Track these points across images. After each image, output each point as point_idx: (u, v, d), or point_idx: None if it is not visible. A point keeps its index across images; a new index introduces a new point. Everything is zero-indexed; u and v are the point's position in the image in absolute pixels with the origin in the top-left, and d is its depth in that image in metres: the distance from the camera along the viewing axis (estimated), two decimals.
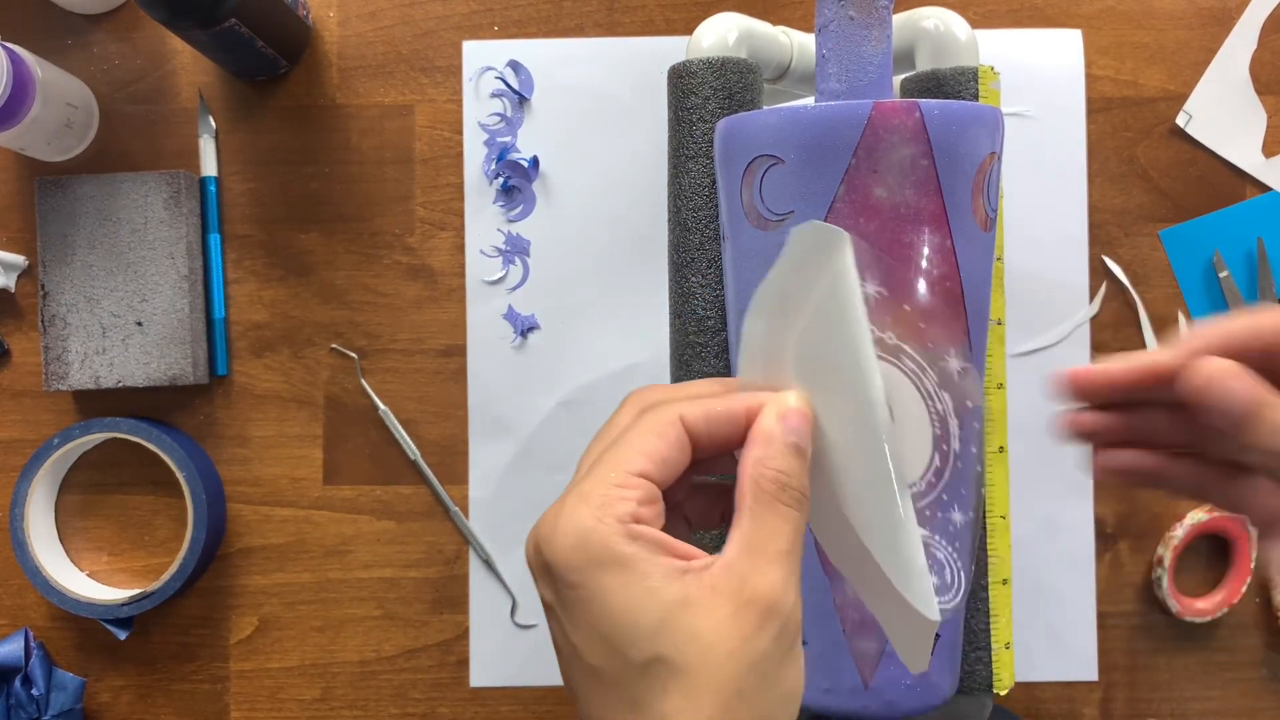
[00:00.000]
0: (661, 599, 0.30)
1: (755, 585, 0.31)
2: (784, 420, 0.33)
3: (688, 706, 0.30)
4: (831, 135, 0.41)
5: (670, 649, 0.30)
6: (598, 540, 0.31)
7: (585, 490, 0.32)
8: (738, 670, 0.30)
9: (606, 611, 0.31)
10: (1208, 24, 0.69)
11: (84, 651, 0.69)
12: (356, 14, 0.70)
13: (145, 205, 0.67)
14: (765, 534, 0.32)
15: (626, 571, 0.31)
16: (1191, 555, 0.69)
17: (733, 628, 0.30)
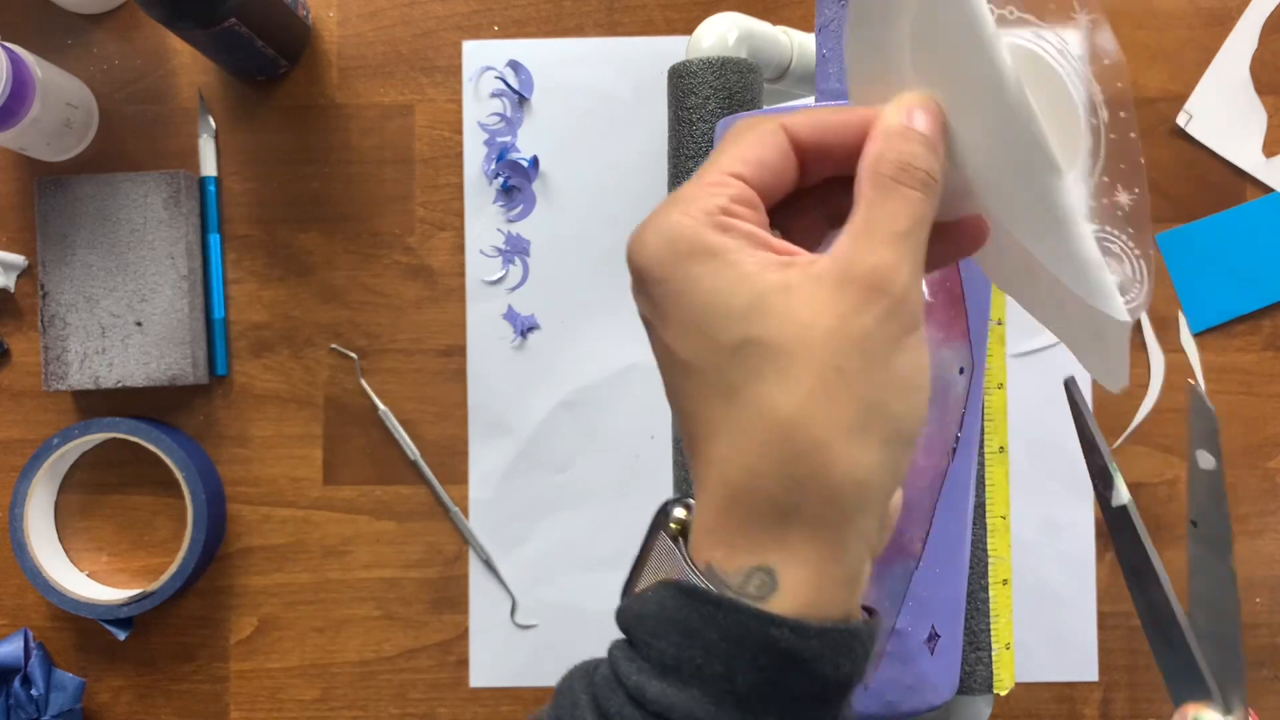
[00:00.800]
0: (755, 283, 0.28)
1: (861, 263, 0.28)
2: (905, 114, 0.30)
3: (783, 387, 0.28)
4: None
5: (763, 329, 0.28)
6: (686, 234, 0.29)
7: (676, 194, 0.30)
8: (838, 347, 0.28)
9: (695, 300, 0.29)
10: (1208, 24, 0.69)
11: (83, 652, 0.69)
12: (356, 14, 0.70)
13: (145, 205, 0.67)
14: (880, 216, 0.29)
15: (715, 259, 0.29)
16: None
17: (832, 305, 0.28)
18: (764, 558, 0.28)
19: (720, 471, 0.29)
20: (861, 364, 0.28)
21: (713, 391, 0.29)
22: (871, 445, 0.28)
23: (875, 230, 0.29)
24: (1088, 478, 0.68)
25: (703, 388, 0.29)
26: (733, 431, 0.28)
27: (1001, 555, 0.54)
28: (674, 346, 0.30)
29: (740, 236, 0.29)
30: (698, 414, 0.30)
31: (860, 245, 0.28)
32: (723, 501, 0.29)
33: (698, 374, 0.29)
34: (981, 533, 0.53)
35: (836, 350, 0.28)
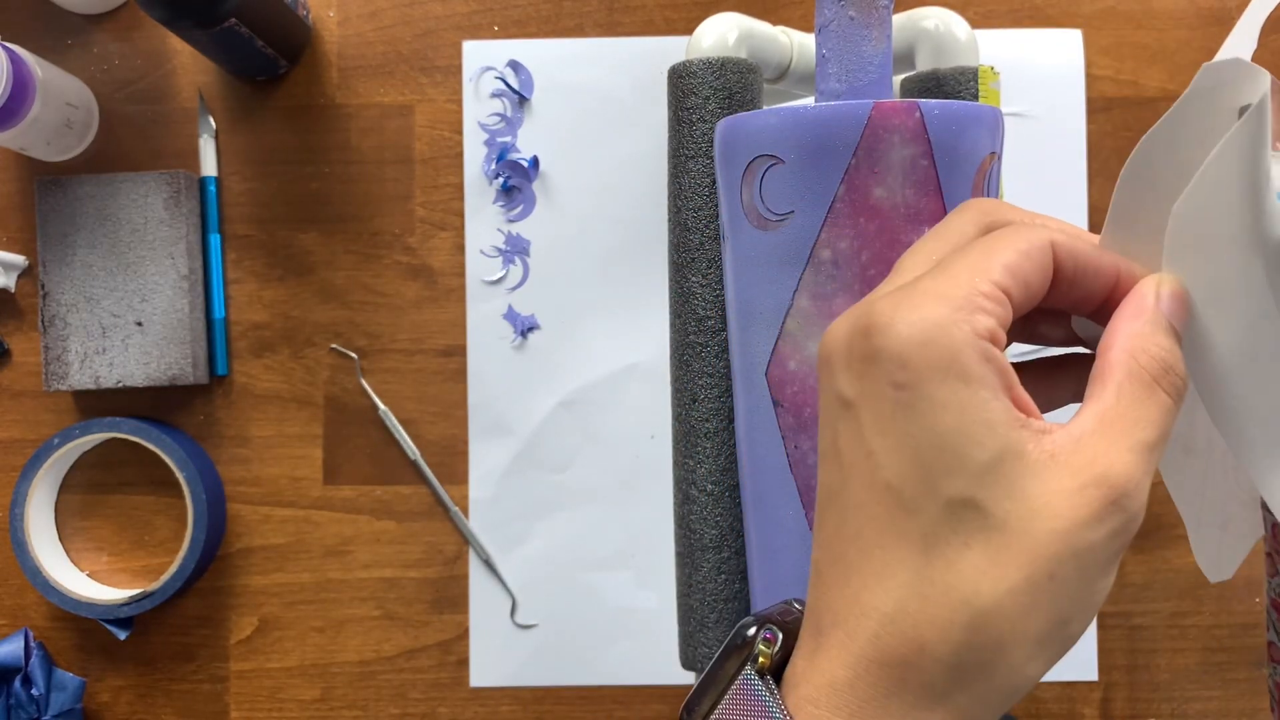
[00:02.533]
0: (996, 439, 0.25)
1: (1108, 467, 0.25)
2: (1162, 300, 0.28)
3: (989, 569, 0.25)
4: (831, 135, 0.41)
5: (989, 498, 0.25)
6: (950, 344, 0.25)
7: (942, 288, 0.26)
8: (1059, 552, 0.25)
9: (934, 427, 0.25)
10: (1208, 24, 0.69)
11: (84, 651, 0.69)
12: (356, 14, 0.70)
13: (145, 205, 0.67)
14: (1134, 417, 0.26)
15: (968, 391, 0.25)
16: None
17: (1069, 504, 0.25)
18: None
19: (876, 628, 0.26)
20: (1075, 576, 0.25)
21: (906, 533, 0.26)
22: (1045, 659, 0.26)
23: (1128, 434, 0.26)
24: None
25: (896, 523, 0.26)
26: (913, 592, 0.26)
27: None
28: (881, 460, 0.26)
29: (997, 373, 0.26)
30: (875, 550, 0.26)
31: (1109, 445, 0.26)
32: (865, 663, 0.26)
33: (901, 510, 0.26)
34: None
35: (1057, 554, 0.25)
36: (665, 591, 0.68)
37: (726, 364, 0.50)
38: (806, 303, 0.43)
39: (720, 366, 0.50)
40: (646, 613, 0.68)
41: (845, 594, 0.26)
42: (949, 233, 0.29)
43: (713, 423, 0.50)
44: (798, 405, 0.43)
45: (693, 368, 0.51)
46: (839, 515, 0.27)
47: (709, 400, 0.50)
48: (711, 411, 0.50)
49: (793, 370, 0.43)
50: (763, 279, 0.44)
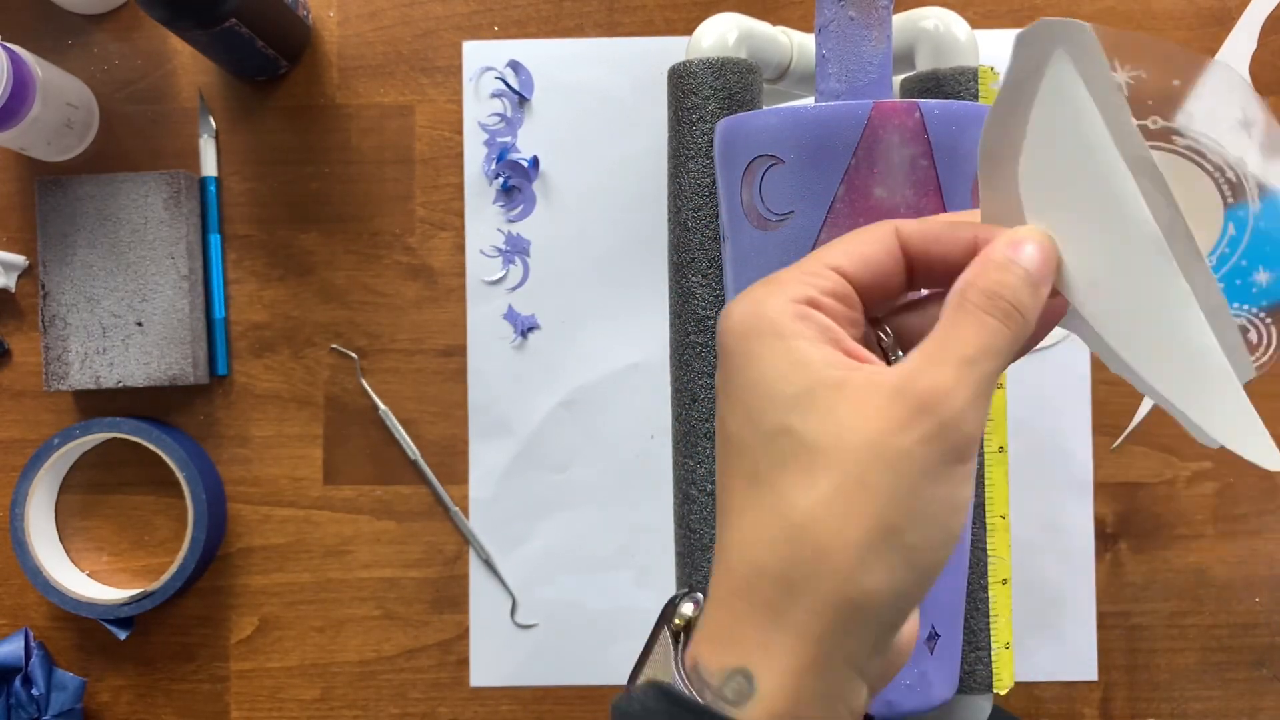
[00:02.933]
0: (809, 374, 0.28)
1: (918, 380, 0.27)
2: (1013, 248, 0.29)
3: (804, 484, 0.27)
4: (831, 135, 0.42)
5: (801, 423, 0.27)
6: (765, 313, 0.29)
7: (778, 278, 0.30)
8: (868, 458, 0.27)
9: (750, 378, 0.29)
10: (1207, 24, 0.69)
11: (84, 651, 0.69)
12: (356, 14, 0.70)
13: (145, 205, 0.67)
14: (953, 338, 0.28)
15: (781, 342, 0.28)
16: None
17: (876, 415, 0.27)
18: (746, 659, 0.28)
19: (727, 561, 0.29)
20: (888, 482, 0.27)
21: (741, 474, 0.29)
22: (876, 568, 0.27)
23: (944, 352, 0.28)
24: (1088, 478, 0.68)
25: (735, 467, 0.29)
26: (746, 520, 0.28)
27: (1001, 555, 0.54)
28: (724, 420, 0.30)
29: (814, 327, 0.29)
30: (725, 494, 0.29)
31: (923, 363, 0.28)
32: (722, 593, 0.29)
33: (735, 453, 0.29)
34: (981, 532, 0.53)
35: (866, 461, 0.27)
36: (665, 591, 0.68)
37: None
38: None
39: None
40: (646, 613, 0.68)
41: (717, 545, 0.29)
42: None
43: (713, 423, 0.51)
44: None
45: (693, 368, 0.51)
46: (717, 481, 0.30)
47: (709, 400, 0.50)
48: (712, 411, 0.51)
49: None
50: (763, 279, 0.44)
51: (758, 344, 0.29)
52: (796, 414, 0.28)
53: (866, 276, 0.30)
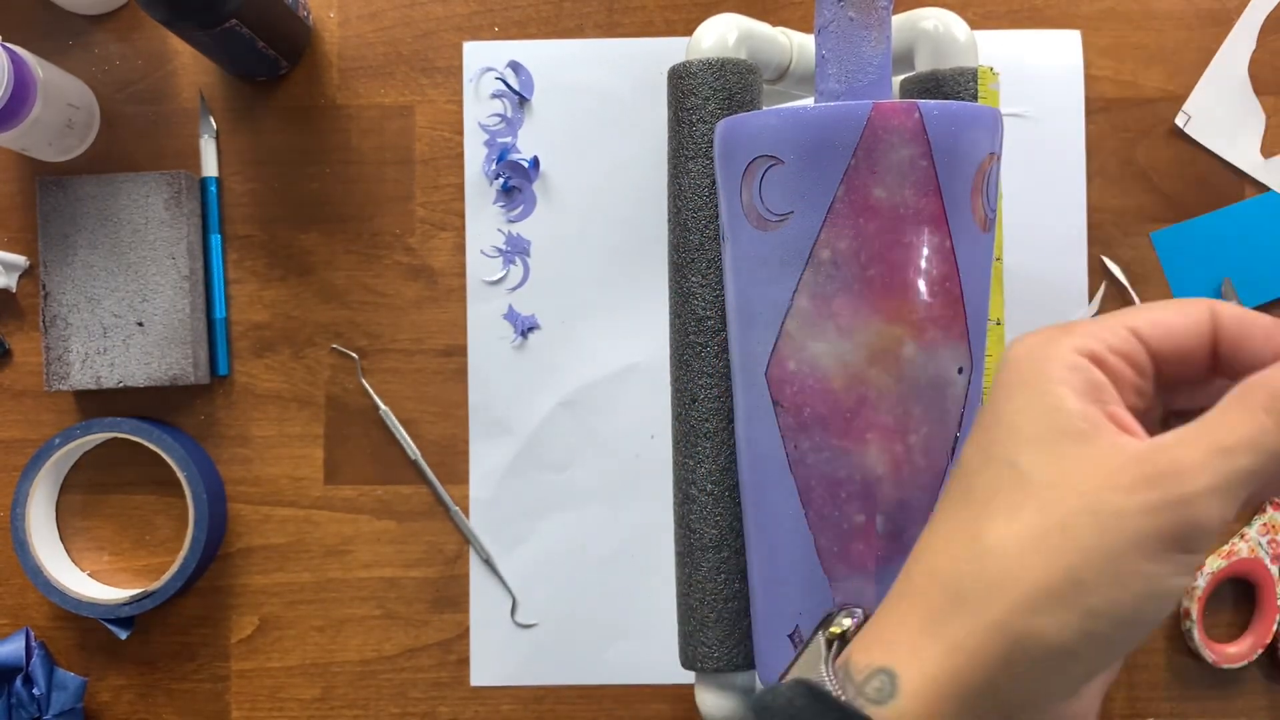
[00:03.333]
0: (1056, 420, 0.27)
1: (1162, 453, 0.26)
2: None
3: (1005, 512, 0.27)
4: (831, 136, 0.42)
5: (1029, 460, 0.27)
6: (1041, 355, 0.29)
7: (1073, 325, 0.29)
8: (1075, 506, 0.26)
9: (1002, 410, 0.29)
10: (1207, 24, 0.69)
11: (85, 651, 0.70)
12: (357, 14, 0.70)
13: (146, 205, 0.67)
14: (1219, 424, 0.27)
15: (1043, 385, 0.28)
16: (1214, 601, 0.69)
17: (1102, 472, 0.26)
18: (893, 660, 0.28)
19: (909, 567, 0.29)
20: (1090, 536, 0.26)
21: (956, 493, 0.29)
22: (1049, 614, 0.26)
23: (1201, 434, 0.27)
24: None
25: (952, 487, 0.29)
26: (942, 532, 0.29)
27: None
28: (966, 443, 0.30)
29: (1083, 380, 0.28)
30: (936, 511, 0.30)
31: (1175, 439, 0.27)
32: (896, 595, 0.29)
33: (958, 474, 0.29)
34: None
35: (1076, 509, 0.26)
36: (665, 591, 0.68)
37: (726, 364, 0.50)
38: (806, 303, 0.43)
39: (720, 366, 0.51)
40: (646, 613, 0.68)
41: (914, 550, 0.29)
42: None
43: (713, 423, 0.51)
44: (797, 405, 0.43)
45: (693, 368, 0.51)
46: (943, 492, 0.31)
47: (709, 400, 0.51)
48: (711, 411, 0.51)
49: (792, 370, 0.43)
50: (762, 279, 0.44)
51: (1023, 382, 0.29)
52: (1028, 452, 0.27)
53: (1165, 347, 0.29)
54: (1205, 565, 0.67)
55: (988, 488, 0.28)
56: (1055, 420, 0.27)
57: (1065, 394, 0.28)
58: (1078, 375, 0.28)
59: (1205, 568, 0.67)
